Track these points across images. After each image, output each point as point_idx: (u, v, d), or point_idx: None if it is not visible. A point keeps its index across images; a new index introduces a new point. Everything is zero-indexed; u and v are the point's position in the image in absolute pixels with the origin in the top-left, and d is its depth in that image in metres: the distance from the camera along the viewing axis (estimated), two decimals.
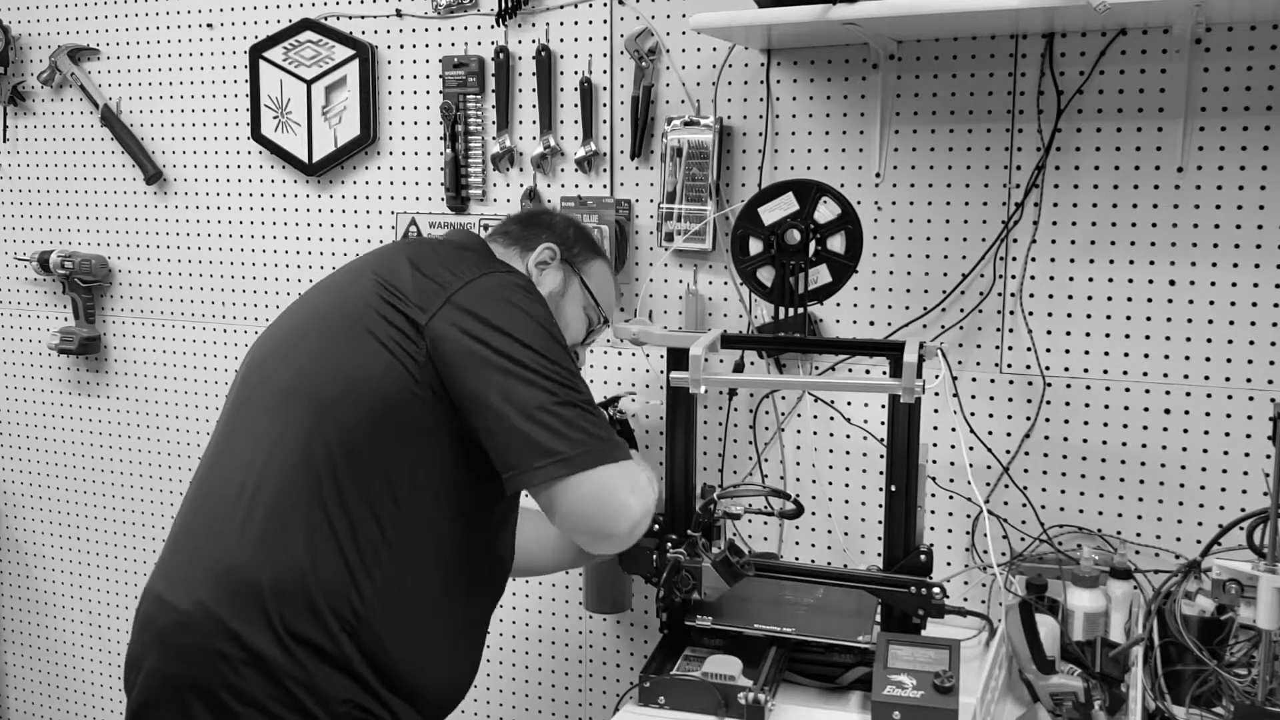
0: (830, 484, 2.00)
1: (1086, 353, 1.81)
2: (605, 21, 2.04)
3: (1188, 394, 1.76)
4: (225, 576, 1.37)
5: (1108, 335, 1.80)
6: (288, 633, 1.34)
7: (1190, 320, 1.75)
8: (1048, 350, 1.83)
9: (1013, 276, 1.84)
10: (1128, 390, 1.79)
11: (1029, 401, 1.85)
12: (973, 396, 1.89)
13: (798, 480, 2.01)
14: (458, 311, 1.37)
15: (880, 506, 1.90)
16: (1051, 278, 1.82)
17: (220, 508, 1.41)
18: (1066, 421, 1.83)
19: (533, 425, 1.33)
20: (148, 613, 1.44)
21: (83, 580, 2.68)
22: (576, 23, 2.06)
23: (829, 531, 2.01)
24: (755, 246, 1.72)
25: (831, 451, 1.99)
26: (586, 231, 1.75)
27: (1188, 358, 1.75)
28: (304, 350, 1.45)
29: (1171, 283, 1.75)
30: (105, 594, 2.66)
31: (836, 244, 1.68)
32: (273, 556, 1.35)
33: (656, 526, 1.72)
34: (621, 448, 1.39)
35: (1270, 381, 1.71)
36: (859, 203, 1.90)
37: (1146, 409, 1.79)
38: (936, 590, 1.59)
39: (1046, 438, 1.85)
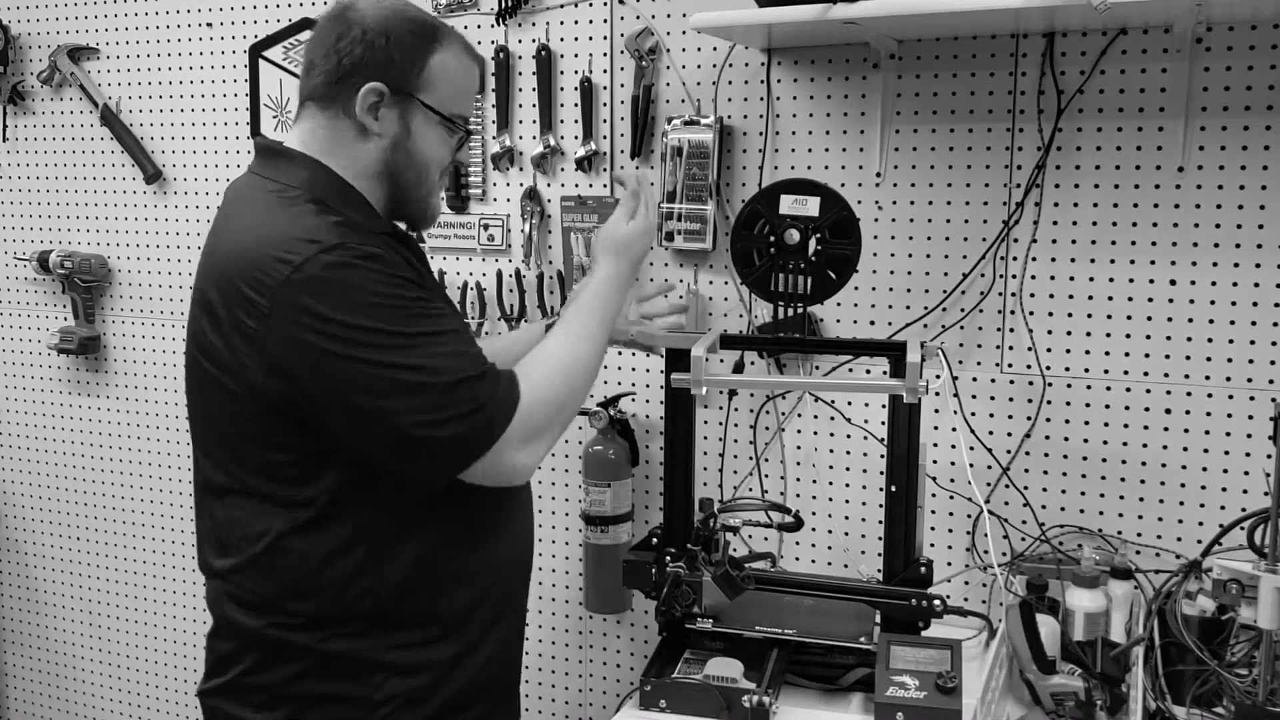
0: (830, 484, 2.00)
1: (1087, 353, 1.81)
2: (605, 21, 2.04)
3: (1188, 394, 1.76)
4: None
5: (1108, 335, 1.80)
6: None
7: (1190, 320, 1.75)
8: (1048, 350, 1.83)
9: (1013, 276, 1.84)
10: (1128, 390, 1.79)
11: (1029, 401, 1.85)
12: (973, 396, 1.89)
13: (798, 480, 2.01)
14: (297, 312, 1.26)
15: (880, 507, 1.89)
16: (1052, 277, 1.82)
17: None
18: (1067, 421, 1.83)
19: (410, 442, 1.29)
20: None
21: (83, 580, 2.68)
22: (576, 22, 2.06)
23: (829, 532, 2.01)
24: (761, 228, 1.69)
25: (832, 452, 1.99)
26: (410, 20, 1.39)
27: (1188, 358, 1.75)
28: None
29: (1172, 282, 1.75)
30: (105, 594, 2.66)
31: (833, 267, 1.66)
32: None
33: (655, 540, 1.72)
34: (489, 410, 1.30)
35: (1270, 381, 1.71)
36: (859, 202, 1.90)
37: (1147, 409, 1.79)
38: (937, 603, 1.59)
39: (1047, 438, 1.85)
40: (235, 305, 1.29)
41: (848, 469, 1.99)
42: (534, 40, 2.09)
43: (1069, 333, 1.82)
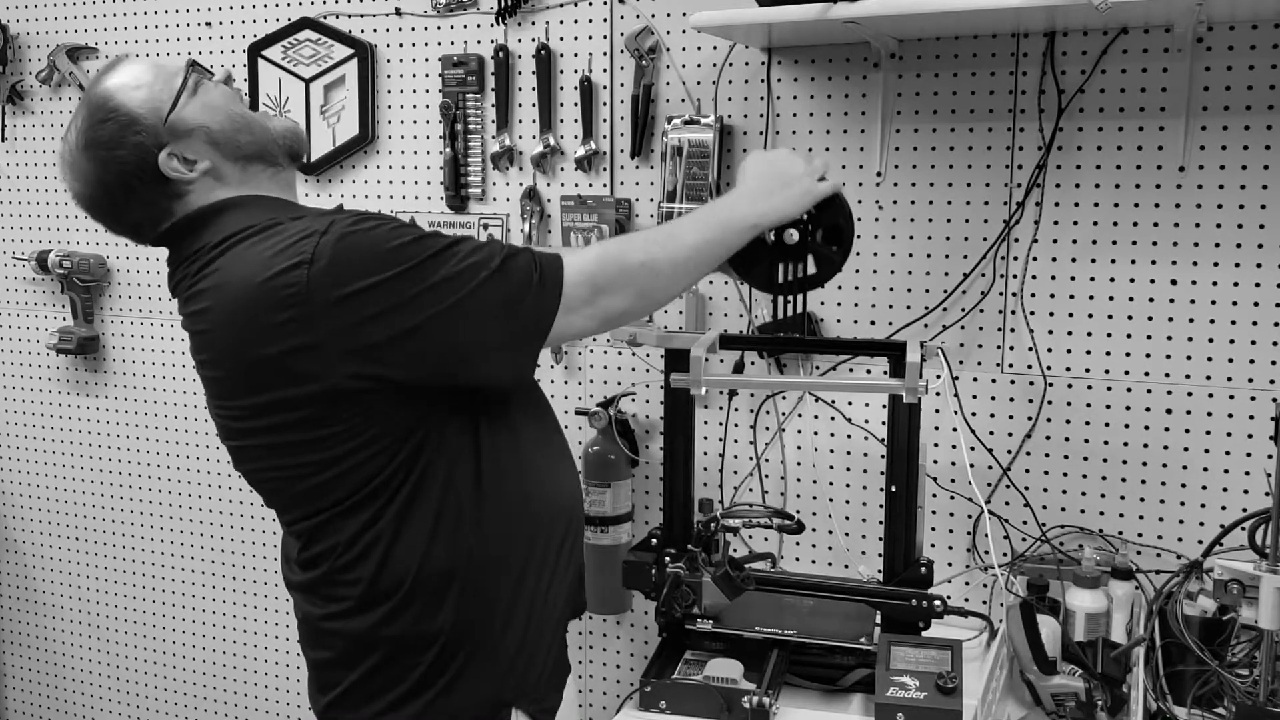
0: (831, 484, 2.00)
1: (1087, 352, 1.81)
2: (605, 20, 2.04)
3: (1189, 394, 1.76)
4: None
5: (1109, 335, 1.79)
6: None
7: (1191, 320, 1.74)
8: (1048, 350, 1.83)
9: (1014, 276, 1.84)
10: (1129, 390, 1.79)
11: (1030, 401, 1.85)
12: (973, 396, 1.89)
13: (798, 480, 2.01)
14: (339, 300, 1.26)
15: (880, 507, 1.89)
16: (1053, 277, 1.82)
17: None
18: (1068, 421, 1.83)
19: (498, 339, 1.31)
20: None
21: (82, 580, 2.68)
22: (576, 21, 2.06)
23: (829, 532, 2.01)
24: None
25: (832, 452, 1.99)
26: (111, 107, 1.34)
27: (1189, 358, 1.75)
28: None
29: (1173, 282, 1.75)
30: (104, 594, 2.66)
31: (830, 250, 1.65)
32: None
33: (654, 541, 1.72)
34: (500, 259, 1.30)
35: (1271, 381, 1.71)
36: (859, 202, 1.90)
37: (1148, 409, 1.78)
38: (937, 603, 1.58)
39: (1047, 438, 1.85)
40: (277, 335, 1.25)
41: (848, 469, 1.98)
42: (534, 40, 2.08)
43: (1069, 333, 1.82)
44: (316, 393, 1.27)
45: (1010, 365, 1.86)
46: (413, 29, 2.18)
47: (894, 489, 1.62)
